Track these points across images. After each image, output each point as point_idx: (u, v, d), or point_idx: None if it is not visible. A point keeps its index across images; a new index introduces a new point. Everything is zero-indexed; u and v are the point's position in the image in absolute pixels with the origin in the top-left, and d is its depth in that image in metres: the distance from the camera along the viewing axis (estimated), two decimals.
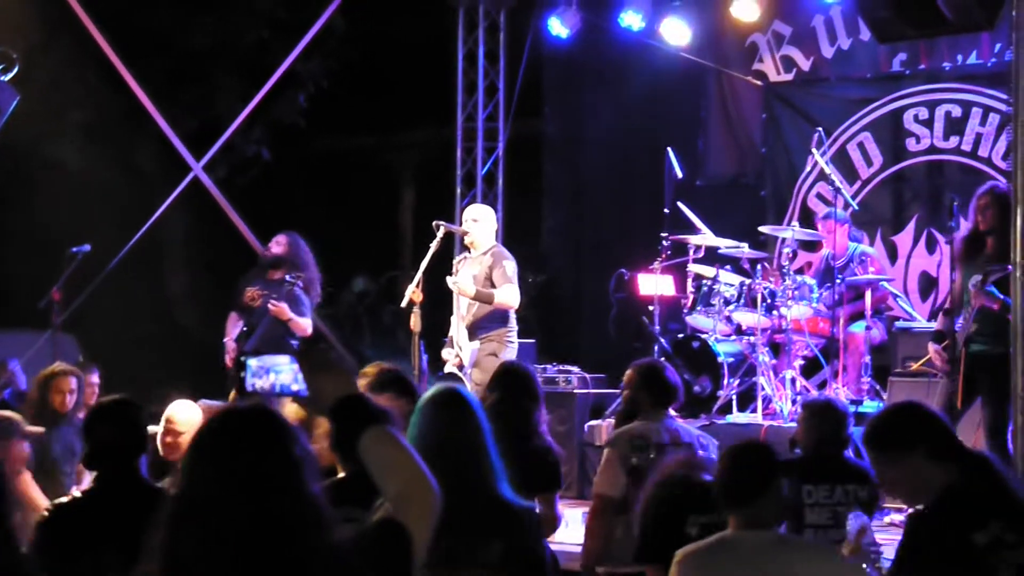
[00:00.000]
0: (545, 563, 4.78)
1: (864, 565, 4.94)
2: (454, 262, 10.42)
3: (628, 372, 7.03)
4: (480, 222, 10.18)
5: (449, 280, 10.01)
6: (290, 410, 6.48)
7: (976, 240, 8.98)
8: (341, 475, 4.88)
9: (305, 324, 10.67)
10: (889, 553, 6.69)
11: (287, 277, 10.61)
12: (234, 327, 10.81)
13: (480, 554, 4.46)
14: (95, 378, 9.48)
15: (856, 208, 11.63)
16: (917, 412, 4.66)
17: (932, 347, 9.17)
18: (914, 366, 10.19)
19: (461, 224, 10.46)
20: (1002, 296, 8.54)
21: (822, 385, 11.33)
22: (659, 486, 5.49)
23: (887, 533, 8.33)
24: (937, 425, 4.57)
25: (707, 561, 4.42)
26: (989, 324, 8.72)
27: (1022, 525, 4.30)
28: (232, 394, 9.75)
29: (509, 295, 9.84)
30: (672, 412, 6.95)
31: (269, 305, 10.47)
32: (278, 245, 10.94)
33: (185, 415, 7.00)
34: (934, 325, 10.48)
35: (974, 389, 8.80)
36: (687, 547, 4.47)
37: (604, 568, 6.46)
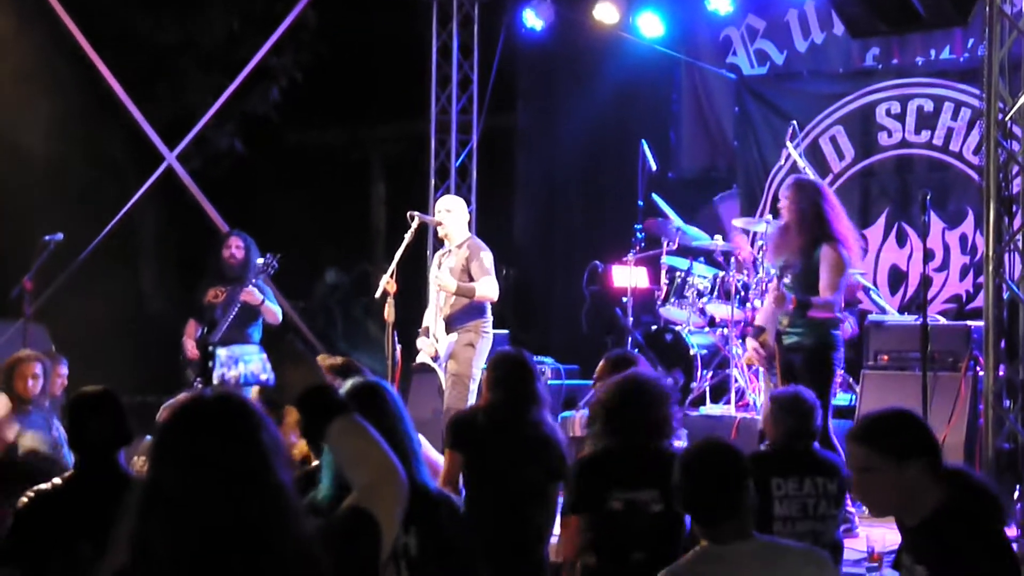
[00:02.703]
0: (466, 553, 4.59)
1: None
2: (436, 256, 10.40)
3: (601, 364, 7.05)
4: (453, 213, 10.16)
5: (431, 276, 10.01)
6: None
7: (783, 233, 8.97)
8: (315, 463, 4.87)
9: (276, 310, 10.71)
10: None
11: (263, 260, 10.64)
12: (194, 331, 10.80)
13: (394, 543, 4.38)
14: (63, 369, 9.45)
15: None
16: (919, 422, 4.47)
17: (750, 343, 9.20)
18: (743, 360, 10.26)
19: (434, 216, 10.45)
20: (797, 296, 8.61)
21: None
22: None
23: (860, 526, 8.37)
24: (934, 439, 4.37)
25: None
26: (799, 315, 8.76)
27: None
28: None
29: (489, 287, 9.84)
30: None
31: (241, 293, 10.47)
32: (239, 249, 10.86)
33: None
34: (906, 319, 10.54)
35: (793, 381, 8.81)
36: (670, 567, 4.25)
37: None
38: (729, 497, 4.25)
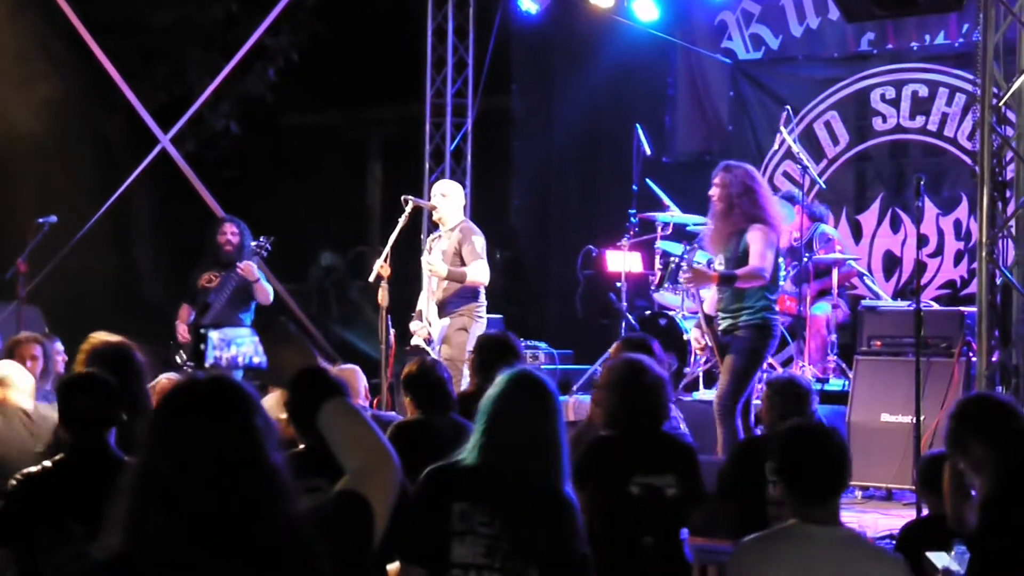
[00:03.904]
0: (587, 560, 4.65)
1: None
2: (428, 240, 10.41)
3: (616, 346, 7.04)
4: (448, 197, 10.17)
5: (423, 261, 10.00)
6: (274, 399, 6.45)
7: (715, 220, 9.06)
8: (300, 447, 4.87)
9: (269, 289, 10.76)
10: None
11: (255, 243, 10.69)
12: (187, 315, 10.83)
13: (532, 543, 4.42)
14: (59, 345, 9.46)
15: (823, 187, 11.67)
16: (973, 411, 4.67)
17: (694, 333, 9.29)
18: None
19: (429, 199, 10.45)
20: (720, 272, 8.75)
21: (788, 362, 11.37)
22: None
23: (851, 511, 8.39)
24: (983, 427, 4.55)
25: (775, 551, 4.20)
26: (728, 300, 8.85)
27: None
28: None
29: (479, 272, 9.84)
30: None
31: (238, 266, 10.53)
32: (234, 236, 10.91)
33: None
34: (900, 304, 10.55)
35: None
36: (753, 536, 4.28)
37: None
38: (836, 475, 4.26)
